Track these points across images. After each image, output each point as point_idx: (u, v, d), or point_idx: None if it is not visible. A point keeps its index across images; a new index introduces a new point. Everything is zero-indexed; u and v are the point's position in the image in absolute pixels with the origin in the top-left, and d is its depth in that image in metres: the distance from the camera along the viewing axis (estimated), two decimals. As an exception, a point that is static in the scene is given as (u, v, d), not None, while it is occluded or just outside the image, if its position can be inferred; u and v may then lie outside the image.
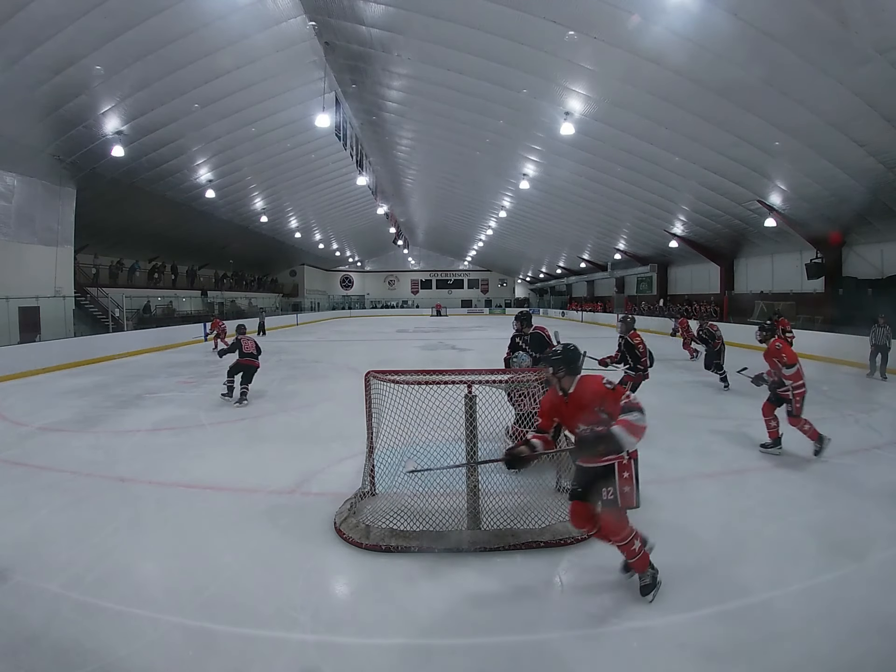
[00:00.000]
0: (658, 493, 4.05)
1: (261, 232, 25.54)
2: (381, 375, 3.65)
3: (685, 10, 7.62)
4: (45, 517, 3.68)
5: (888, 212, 12.09)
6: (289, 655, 2.33)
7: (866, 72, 7.80)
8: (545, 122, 12.76)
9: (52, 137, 12.26)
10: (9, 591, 2.77)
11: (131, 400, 8.07)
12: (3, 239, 12.89)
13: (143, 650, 2.34)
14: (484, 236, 31.83)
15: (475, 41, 9.98)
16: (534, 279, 45.02)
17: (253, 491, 4.18)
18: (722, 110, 10.04)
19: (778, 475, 4.48)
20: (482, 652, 2.36)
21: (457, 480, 3.55)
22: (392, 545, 3.17)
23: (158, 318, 20.82)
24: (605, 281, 30.89)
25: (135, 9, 8.95)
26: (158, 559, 3.19)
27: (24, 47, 9.05)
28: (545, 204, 20.47)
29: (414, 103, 14.66)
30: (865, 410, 6.83)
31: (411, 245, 44.37)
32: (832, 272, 14.80)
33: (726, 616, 2.54)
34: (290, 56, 12.04)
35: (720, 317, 19.35)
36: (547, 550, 3.16)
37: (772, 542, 3.29)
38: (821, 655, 2.29)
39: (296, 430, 6.08)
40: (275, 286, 37.27)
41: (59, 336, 13.12)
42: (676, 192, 15.30)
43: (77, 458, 5.06)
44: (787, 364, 4.87)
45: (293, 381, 9.97)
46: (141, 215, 18.45)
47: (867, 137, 9.59)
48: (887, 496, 3.94)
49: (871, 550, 3.15)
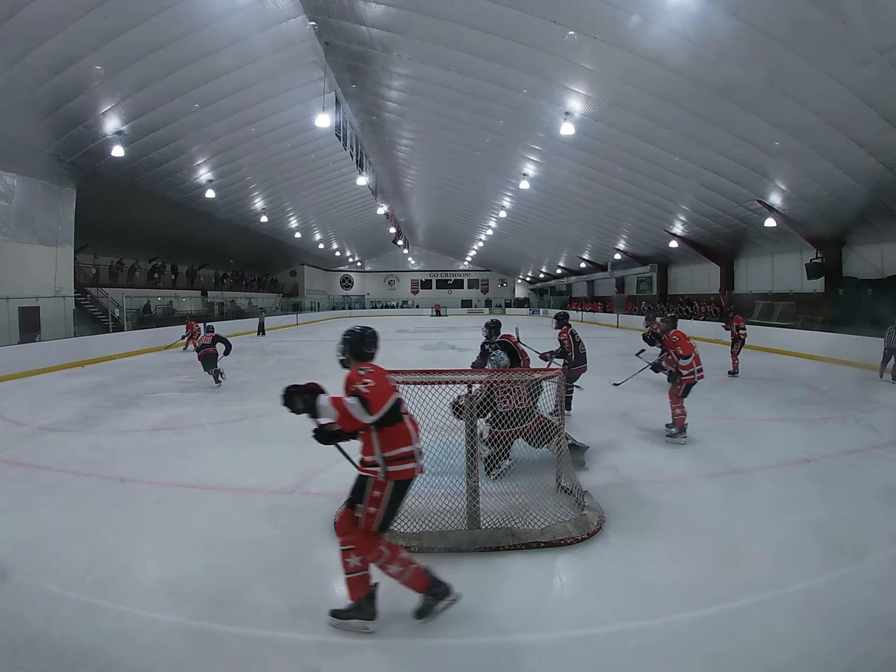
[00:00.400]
0: (658, 493, 4.06)
1: (261, 232, 25.54)
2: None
3: (685, 10, 7.62)
4: (45, 517, 3.68)
5: (888, 212, 12.09)
6: (289, 655, 2.33)
7: (866, 72, 7.79)
8: (545, 122, 12.76)
9: (52, 137, 12.25)
10: (9, 591, 2.77)
11: (131, 400, 8.07)
12: (3, 239, 12.89)
13: (143, 650, 2.34)
14: (484, 236, 31.82)
15: (475, 41, 9.98)
16: (534, 279, 45.02)
17: (253, 491, 4.18)
18: (722, 110, 10.03)
19: (778, 475, 4.47)
20: (482, 652, 2.36)
21: (457, 481, 3.55)
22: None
23: (158, 318, 20.80)
24: (605, 281, 30.88)
25: (135, 9, 8.94)
26: (158, 559, 3.19)
27: (24, 47, 9.05)
28: (545, 204, 20.47)
29: (414, 103, 14.66)
30: (865, 410, 6.82)
31: (411, 245, 44.36)
32: (832, 272, 14.80)
33: (726, 616, 2.54)
34: (290, 56, 12.04)
35: (720, 317, 19.36)
36: (547, 550, 3.16)
37: (772, 542, 3.28)
38: (821, 655, 2.29)
39: (296, 430, 6.03)
40: (275, 286, 37.26)
41: (59, 336, 13.12)
42: (676, 192, 15.30)
43: (77, 458, 5.06)
44: (683, 356, 5.34)
45: (293, 381, 9.88)
46: (141, 215, 18.44)
47: (867, 137, 9.58)
48: (887, 496, 3.94)
49: (871, 550, 3.15)
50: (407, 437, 2.43)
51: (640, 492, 4.10)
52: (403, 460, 2.39)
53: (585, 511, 3.51)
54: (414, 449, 2.43)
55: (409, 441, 2.42)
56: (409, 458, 2.40)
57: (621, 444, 5.39)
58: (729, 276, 20.00)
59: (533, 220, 23.74)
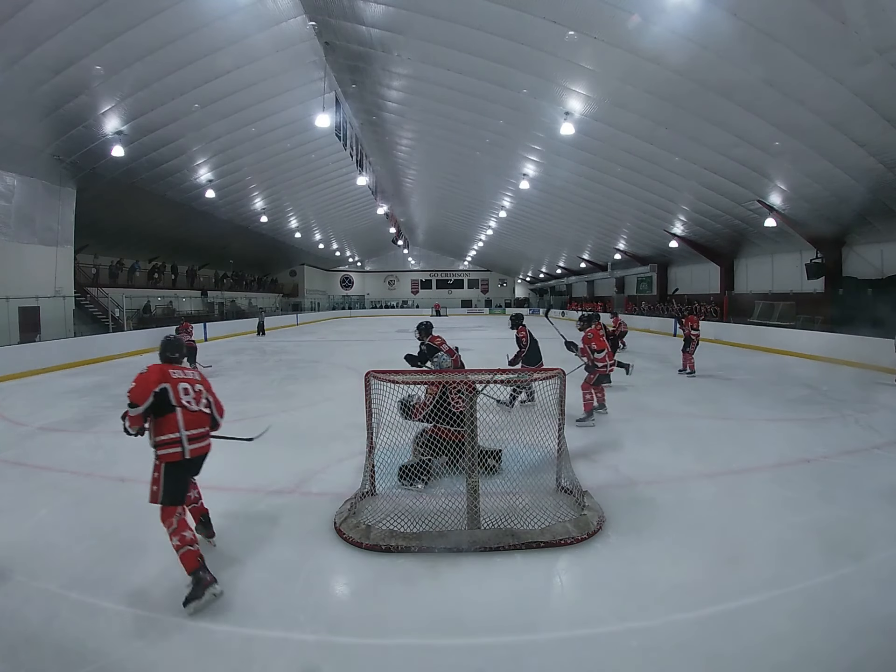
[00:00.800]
0: (658, 493, 4.06)
1: (261, 232, 25.54)
2: (381, 375, 3.65)
3: (685, 10, 7.61)
4: (45, 517, 3.68)
5: (888, 212, 12.09)
6: (289, 655, 2.33)
7: (866, 72, 7.79)
8: (545, 122, 12.76)
9: (52, 137, 12.25)
10: (9, 591, 2.77)
11: (131, 400, 8.05)
12: (3, 239, 12.89)
13: (143, 650, 2.34)
14: (484, 236, 31.82)
15: (475, 41, 9.97)
16: (534, 279, 45.02)
17: (253, 491, 4.18)
18: (722, 110, 10.03)
19: (778, 475, 4.47)
20: (482, 652, 2.36)
21: (457, 481, 3.55)
22: (392, 545, 3.17)
23: (158, 318, 20.81)
24: (605, 281, 30.88)
25: (135, 9, 8.94)
26: (158, 559, 3.19)
27: (24, 47, 9.05)
28: (545, 204, 20.47)
29: (414, 103, 14.66)
30: (865, 410, 6.82)
31: (411, 245, 44.36)
32: (832, 272, 14.80)
33: (726, 616, 2.54)
34: (290, 56, 12.04)
35: (720, 317, 19.38)
36: (547, 550, 3.16)
37: (772, 542, 3.28)
38: (821, 656, 2.29)
39: (296, 430, 6.07)
40: (275, 286, 37.28)
41: (59, 336, 13.12)
42: (676, 192, 15.30)
43: (77, 458, 5.06)
44: (597, 350, 6.16)
45: (293, 381, 9.97)
46: (141, 215, 18.45)
47: (867, 137, 9.58)
48: (887, 496, 3.94)
49: (871, 550, 3.15)
50: (174, 425, 2.77)
51: (640, 492, 4.10)
52: (168, 445, 2.75)
53: (585, 511, 3.51)
54: (181, 435, 2.77)
55: (176, 429, 2.77)
56: (174, 444, 2.76)
57: (621, 444, 5.39)
58: (729, 276, 20.00)
59: (533, 220, 23.74)
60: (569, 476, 3.84)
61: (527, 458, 4.08)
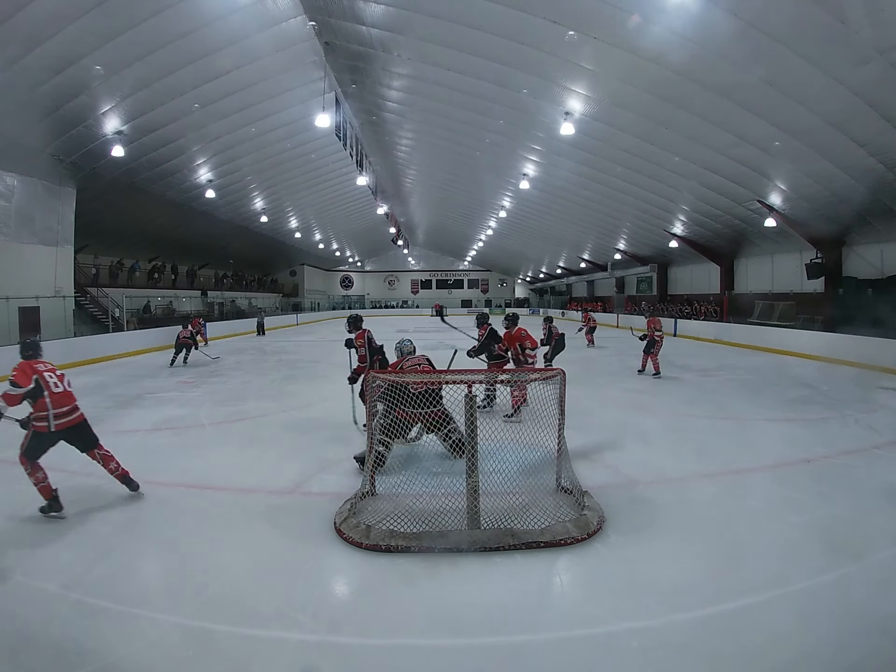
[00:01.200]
0: (658, 493, 4.06)
1: (261, 232, 25.52)
2: (382, 375, 3.65)
3: (685, 10, 7.60)
4: (44, 517, 3.68)
5: (888, 212, 12.09)
6: (289, 655, 2.33)
7: (866, 72, 7.78)
8: (545, 122, 12.76)
9: (52, 137, 12.25)
10: (9, 591, 2.77)
11: (131, 400, 8.06)
12: (3, 239, 12.88)
13: (143, 650, 2.34)
14: (484, 236, 31.81)
15: (475, 41, 9.97)
16: (534, 279, 45.00)
17: (253, 491, 4.18)
18: (722, 110, 10.03)
19: (778, 475, 4.47)
20: (482, 652, 2.36)
21: (457, 481, 3.55)
22: (392, 545, 3.17)
23: (158, 318, 20.80)
24: (605, 281, 30.88)
25: (135, 9, 8.93)
26: (158, 559, 3.20)
27: (24, 47, 9.03)
28: (545, 204, 20.46)
29: (414, 103, 14.65)
30: (865, 410, 6.82)
31: (411, 245, 44.35)
32: (832, 272, 14.80)
33: (726, 616, 2.54)
34: (290, 56, 12.02)
35: (720, 317, 19.38)
36: (547, 550, 3.15)
37: (772, 542, 3.28)
38: (821, 656, 2.29)
39: (296, 430, 6.07)
40: (275, 286, 37.26)
41: (59, 336, 13.12)
42: (676, 192, 15.29)
43: (77, 458, 5.04)
44: (531, 347, 6.42)
45: (293, 381, 9.97)
46: (141, 215, 18.44)
47: (867, 137, 9.58)
48: (887, 496, 3.94)
49: (871, 550, 3.15)
50: (44, 406, 3.70)
51: (640, 492, 4.10)
52: (39, 420, 3.70)
53: (585, 511, 3.51)
54: (49, 413, 3.71)
55: (46, 409, 3.70)
56: (43, 419, 3.69)
57: (621, 444, 5.38)
58: (729, 276, 20.01)
59: (533, 220, 23.73)
60: (569, 476, 3.83)
61: (527, 458, 4.08)
